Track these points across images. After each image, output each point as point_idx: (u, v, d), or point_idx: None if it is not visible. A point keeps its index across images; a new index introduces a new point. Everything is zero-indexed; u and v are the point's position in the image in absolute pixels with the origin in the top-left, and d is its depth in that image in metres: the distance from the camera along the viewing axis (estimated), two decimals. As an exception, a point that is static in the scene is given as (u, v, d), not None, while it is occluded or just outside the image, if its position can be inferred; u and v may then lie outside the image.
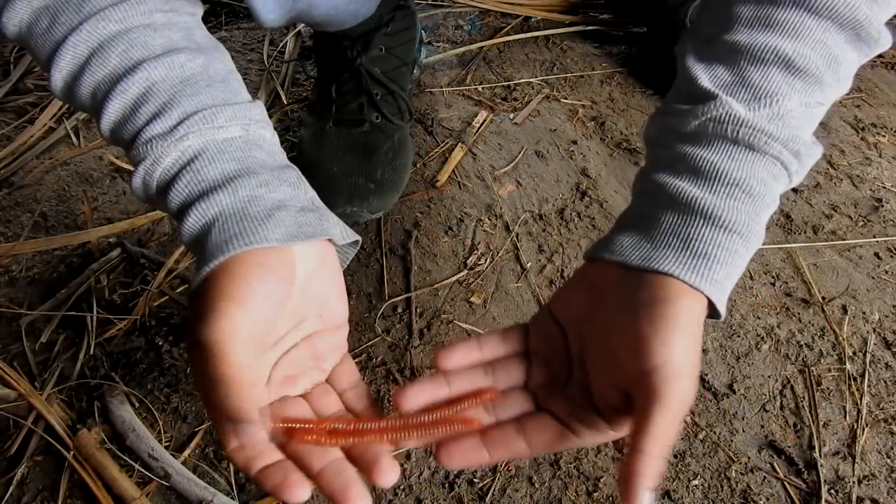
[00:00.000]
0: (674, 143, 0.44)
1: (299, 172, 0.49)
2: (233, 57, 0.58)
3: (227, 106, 0.47)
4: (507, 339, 0.48)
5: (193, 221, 0.43)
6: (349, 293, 0.79)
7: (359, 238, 0.49)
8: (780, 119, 0.42)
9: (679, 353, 0.38)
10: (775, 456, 0.69)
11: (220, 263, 0.40)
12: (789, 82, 0.42)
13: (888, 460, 0.69)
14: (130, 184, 0.47)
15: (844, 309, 0.82)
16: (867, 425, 0.71)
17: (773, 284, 0.84)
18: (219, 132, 0.46)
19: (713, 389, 0.73)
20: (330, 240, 0.46)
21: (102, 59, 0.45)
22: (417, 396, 0.44)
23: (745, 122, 0.41)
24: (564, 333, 0.46)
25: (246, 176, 0.44)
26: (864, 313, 0.82)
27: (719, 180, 0.41)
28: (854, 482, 0.67)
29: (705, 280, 0.40)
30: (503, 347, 0.48)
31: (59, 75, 0.46)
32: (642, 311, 0.39)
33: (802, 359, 0.77)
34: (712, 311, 0.42)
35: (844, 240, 0.90)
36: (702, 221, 0.41)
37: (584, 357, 0.44)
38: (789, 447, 0.69)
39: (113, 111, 0.45)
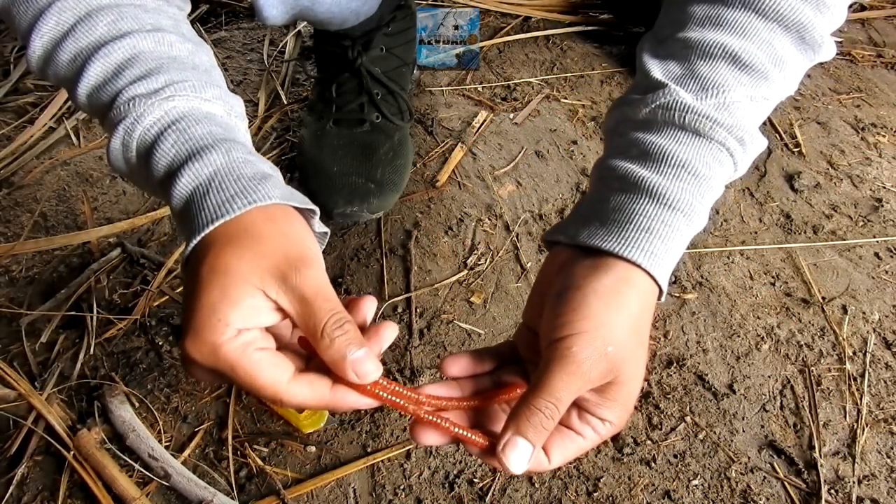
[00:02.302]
0: (627, 131, 0.46)
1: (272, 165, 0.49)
2: (233, 57, 0.58)
3: (212, 86, 0.46)
4: (501, 352, 0.48)
5: (187, 182, 0.41)
6: (349, 293, 0.79)
7: (328, 230, 0.49)
8: (726, 108, 0.44)
9: (585, 326, 0.38)
10: (775, 456, 0.69)
11: (225, 223, 0.39)
12: (736, 76, 0.44)
13: (888, 460, 0.69)
14: (108, 148, 0.45)
15: (844, 309, 0.82)
16: (867, 425, 0.71)
17: (773, 284, 0.84)
18: (204, 104, 0.45)
19: (713, 389, 0.73)
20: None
21: (89, 27, 0.44)
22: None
23: (692, 108, 0.43)
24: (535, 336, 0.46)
25: (234, 142, 0.43)
26: (864, 313, 0.82)
27: (666, 162, 0.43)
28: (854, 482, 0.67)
29: (643, 253, 0.40)
30: (498, 360, 0.47)
31: (40, 41, 0.45)
32: (568, 292, 0.40)
33: (802, 359, 0.77)
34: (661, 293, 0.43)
35: (844, 240, 0.90)
36: (647, 199, 0.42)
37: None
38: (789, 447, 0.69)
39: (94, 73, 0.44)
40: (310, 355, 0.41)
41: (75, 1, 0.44)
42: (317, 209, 0.45)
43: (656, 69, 0.45)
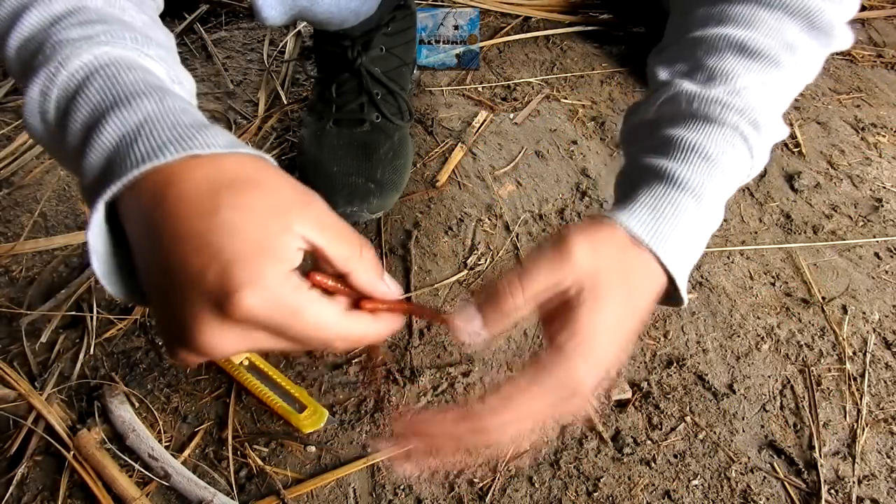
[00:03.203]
0: (639, 135, 0.46)
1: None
2: (233, 57, 0.58)
3: (160, 49, 0.41)
4: None
5: (111, 132, 0.34)
6: (349, 293, 0.79)
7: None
8: (737, 93, 0.43)
9: (593, 250, 0.38)
10: (775, 456, 0.69)
11: (158, 168, 0.33)
12: (744, 63, 0.43)
13: (888, 460, 0.69)
14: (24, 101, 0.38)
15: (844, 309, 0.82)
16: (867, 425, 0.71)
17: (773, 284, 0.84)
18: (143, 58, 0.39)
19: (713, 389, 0.73)
20: None
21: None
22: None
23: (698, 95, 0.42)
24: None
25: (170, 92, 0.37)
26: (864, 313, 0.82)
27: (676, 147, 0.42)
28: (854, 482, 0.67)
29: (645, 227, 0.39)
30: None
31: None
32: (575, 231, 0.39)
33: (802, 359, 0.77)
34: (669, 279, 0.41)
35: (844, 240, 0.90)
36: (655, 179, 0.42)
37: None
38: (789, 447, 0.69)
39: (29, 23, 0.38)
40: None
41: None
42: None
43: (663, 72, 0.45)
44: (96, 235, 0.35)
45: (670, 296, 0.43)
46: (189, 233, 0.32)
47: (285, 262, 0.33)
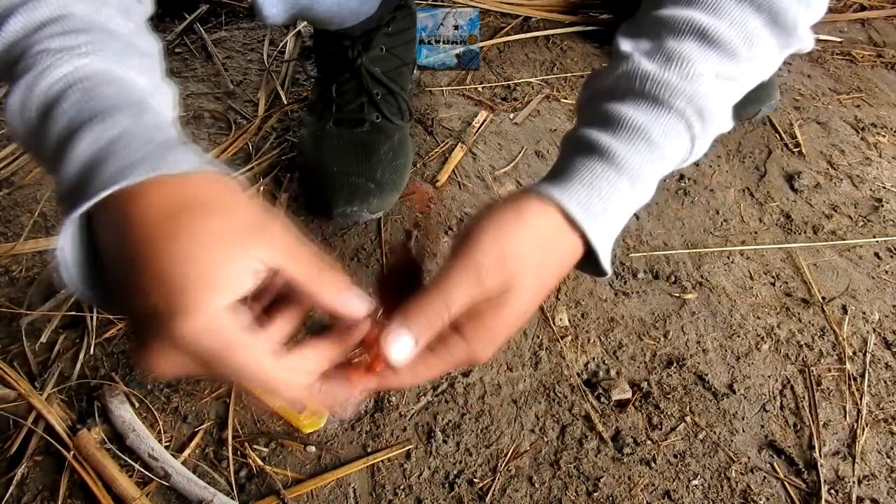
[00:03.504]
0: (593, 102, 0.47)
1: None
2: (233, 57, 0.58)
3: (142, 57, 0.42)
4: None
5: (84, 147, 0.35)
6: (349, 293, 0.79)
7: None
8: (689, 79, 0.44)
9: (502, 239, 0.40)
10: (775, 456, 0.69)
11: (125, 189, 0.34)
12: (703, 51, 0.44)
13: (888, 460, 0.69)
14: (6, 105, 0.38)
15: (844, 309, 0.82)
16: (867, 425, 0.71)
17: (773, 284, 0.84)
18: (125, 70, 0.40)
19: (713, 389, 0.73)
20: None
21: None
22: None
23: (652, 76, 0.44)
24: None
25: (146, 107, 0.39)
26: (864, 313, 0.82)
27: (622, 126, 0.43)
28: (854, 482, 0.67)
29: (579, 205, 0.41)
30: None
31: None
32: (493, 211, 0.41)
33: (802, 359, 0.77)
34: (591, 255, 0.43)
35: (844, 240, 0.90)
36: (597, 158, 0.43)
37: None
38: (789, 447, 0.69)
39: (13, 28, 0.39)
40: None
41: None
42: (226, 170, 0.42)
43: (626, 44, 0.46)
44: (68, 247, 0.36)
45: (589, 264, 0.45)
46: (146, 255, 0.33)
47: (229, 291, 0.34)
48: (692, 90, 0.43)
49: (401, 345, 0.39)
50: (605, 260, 0.44)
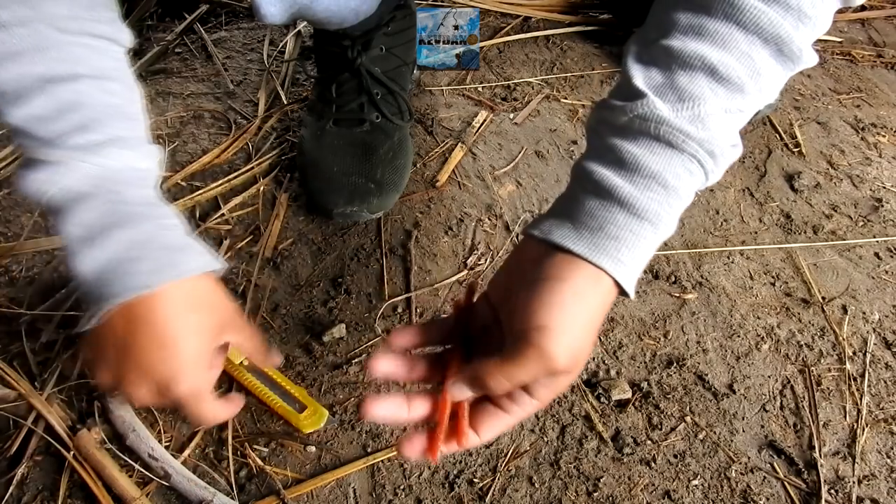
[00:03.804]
0: (605, 135, 0.48)
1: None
2: (233, 57, 0.60)
3: (145, 144, 0.54)
4: (443, 328, 0.53)
5: (113, 245, 0.49)
6: (349, 293, 0.79)
7: (225, 265, 0.57)
8: (700, 121, 0.46)
9: (556, 321, 0.43)
10: (775, 456, 0.69)
11: (168, 287, 0.49)
12: (713, 88, 0.46)
13: (888, 460, 0.69)
14: (23, 174, 0.49)
15: (844, 309, 0.82)
16: (867, 425, 0.71)
17: (773, 284, 0.84)
18: (140, 160, 0.53)
19: (713, 389, 0.73)
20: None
21: (38, 56, 0.48)
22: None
23: (667, 121, 0.45)
24: (496, 315, 0.50)
25: (153, 215, 0.52)
26: (864, 313, 0.82)
27: (638, 172, 0.46)
28: (854, 482, 0.67)
29: (611, 259, 0.45)
30: (441, 335, 0.53)
31: None
32: (540, 284, 0.44)
33: (802, 359, 0.77)
34: (622, 291, 0.47)
35: (844, 240, 0.90)
36: (618, 207, 0.46)
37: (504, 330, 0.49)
38: (789, 447, 0.69)
39: (37, 106, 0.48)
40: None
41: (28, 31, 0.47)
42: (220, 265, 0.55)
43: (639, 77, 0.47)
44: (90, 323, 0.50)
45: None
46: (157, 339, 0.50)
47: (210, 367, 0.55)
48: (703, 135, 0.45)
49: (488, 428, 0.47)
50: (631, 290, 0.47)
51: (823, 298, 0.83)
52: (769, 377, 0.75)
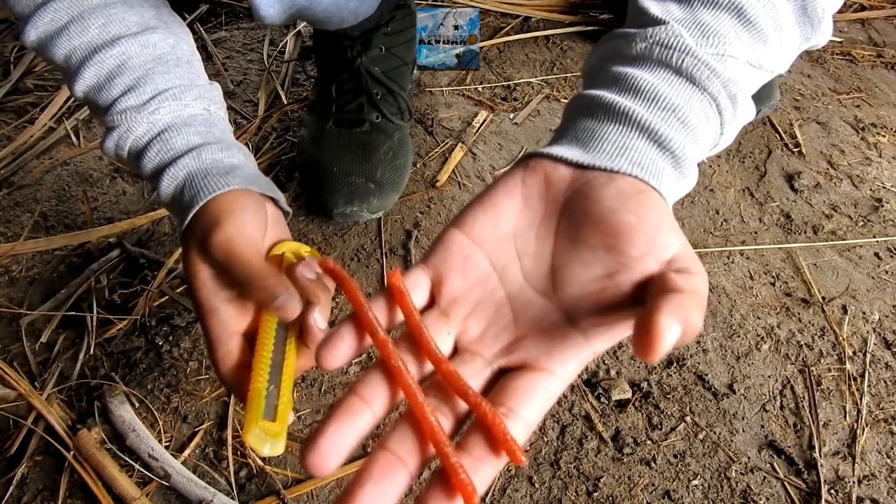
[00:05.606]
0: (615, 65, 0.42)
1: (247, 150, 0.59)
2: (233, 57, 0.61)
3: (192, 87, 0.56)
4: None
5: (167, 183, 0.53)
6: (349, 293, 0.79)
7: (290, 210, 0.58)
8: (724, 60, 0.40)
9: (682, 240, 0.35)
10: (775, 456, 0.69)
11: (198, 209, 0.50)
12: (737, 31, 0.41)
13: (888, 460, 0.69)
14: (102, 144, 0.55)
15: (844, 309, 0.82)
16: (867, 425, 0.71)
17: (773, 284, 0.84)
18: (185, 109, 0.55)
19: (713, 389, 0.73)
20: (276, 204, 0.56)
21: (81, 28, 0.52)
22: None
23: (692, 51, 0.39)
24: (491, 262, 0.39)
25: (207, 145, 0.54)
26: (864, 313, 0.82)
27: (657, 104, 0.39)
28: (854, 482, 0.67)
29: (650, 174, 0.36)
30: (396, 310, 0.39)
31: (35, 32, 0.53)
32: (626, 203, 0.35)
33: (802, 359, 0.77)
34: None
35: (844, 240, 0.90)
36: (638, 133, 0.38)
37: (546, 271, 0.37)
38: (789, 447, 0.69)
39: (88, 77, 0.53)
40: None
41: (66, 3, 0.52)
42: (277, 196, 0.56)
43: (654, 7, 0.42)
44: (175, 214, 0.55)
45: None
46: (218, 226, 0.50)
47: (260, 244, 0.52)
48: (728, 75, 0.40)
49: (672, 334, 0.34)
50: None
51: (823, 298, 0.83)
52: (769, 377, 0.75)
